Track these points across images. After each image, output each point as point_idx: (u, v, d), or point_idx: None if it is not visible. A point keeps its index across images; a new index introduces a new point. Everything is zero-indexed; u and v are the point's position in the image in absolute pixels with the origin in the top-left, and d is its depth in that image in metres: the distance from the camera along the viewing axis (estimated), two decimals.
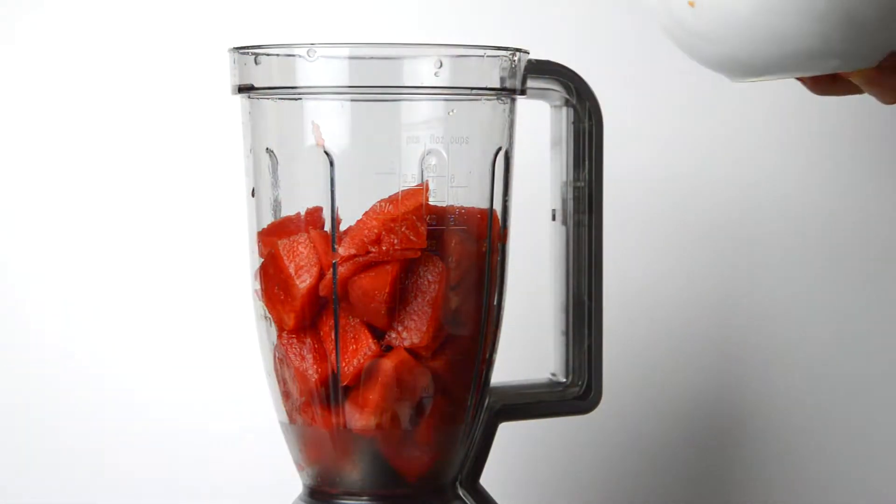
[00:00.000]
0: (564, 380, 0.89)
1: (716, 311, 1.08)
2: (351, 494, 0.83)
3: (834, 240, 1.08)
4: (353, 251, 0.80)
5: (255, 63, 0.81)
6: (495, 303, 0.84)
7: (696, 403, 1.09)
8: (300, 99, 0.81)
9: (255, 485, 1.08)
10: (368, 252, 0.80)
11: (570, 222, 0.88)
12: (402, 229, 0.80)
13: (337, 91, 0.80)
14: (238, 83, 0.83)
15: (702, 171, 1.08)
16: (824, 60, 0.75)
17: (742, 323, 1.08)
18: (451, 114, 0.82)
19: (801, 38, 0.73)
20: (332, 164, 0.80)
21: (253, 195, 0.84)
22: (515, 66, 0.83)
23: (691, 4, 0.74)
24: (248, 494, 1.08)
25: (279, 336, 0.83)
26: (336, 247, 0.80)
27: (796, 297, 1.08)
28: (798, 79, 0.81)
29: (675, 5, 0.75)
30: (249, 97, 0.83)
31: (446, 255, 0.81)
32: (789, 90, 1.07)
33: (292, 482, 0.86)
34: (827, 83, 0.80)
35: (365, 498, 0.83)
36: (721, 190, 1.07)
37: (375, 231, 0.80)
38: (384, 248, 0.80)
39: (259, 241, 0.84)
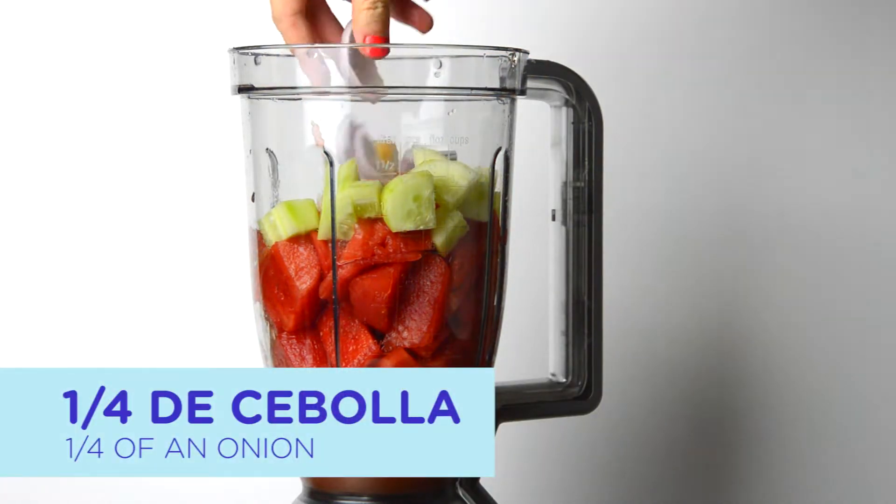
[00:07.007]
0: (564, 380, 0.89)
1: (716, 311, 1.08)
2: (351, 494, 0.83)
3: (834, 240, 1.08)
4: (359, 254, 0.80)
5: (255, 63, 0.81)
6: (495, 303, 0.84)
7: (695, 403, 1.09)
8: (300, 99, 0.81)
9: (255, 484, 1.08)
10: (374, 255, 0.80)
11: (570, 222, 0.88)
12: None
13: (337, 91, 0.80)
14: (238, 83, 0.82)
15: (701, 171, 1.08)
16: None
17: (742, 323, 1.08)
18: (451, 114, 0.81)
19: None
20: (331, 164, 0.80)
21: (253, 199, 0.84)
22: (515, 66, 0.83)
23: None
24: (249, 494, 1.08)
25: (279, 336, 0.82)
26: (336, 248, 0.80)
27: (796, 297, 1.08)
28: None
29: None
30: (249, 97, 0.82)
31: (448, 256, 0.81)
32: (788, 92, 1.07)
33: (292, 482, 0.86)
34: None
35: (365, 498, 0.83)
36: (721, 190, 1.07)
37: (381, 235, 0.79)
38: (390, 250, 0.80)
39: (259, 242, 0.83)
